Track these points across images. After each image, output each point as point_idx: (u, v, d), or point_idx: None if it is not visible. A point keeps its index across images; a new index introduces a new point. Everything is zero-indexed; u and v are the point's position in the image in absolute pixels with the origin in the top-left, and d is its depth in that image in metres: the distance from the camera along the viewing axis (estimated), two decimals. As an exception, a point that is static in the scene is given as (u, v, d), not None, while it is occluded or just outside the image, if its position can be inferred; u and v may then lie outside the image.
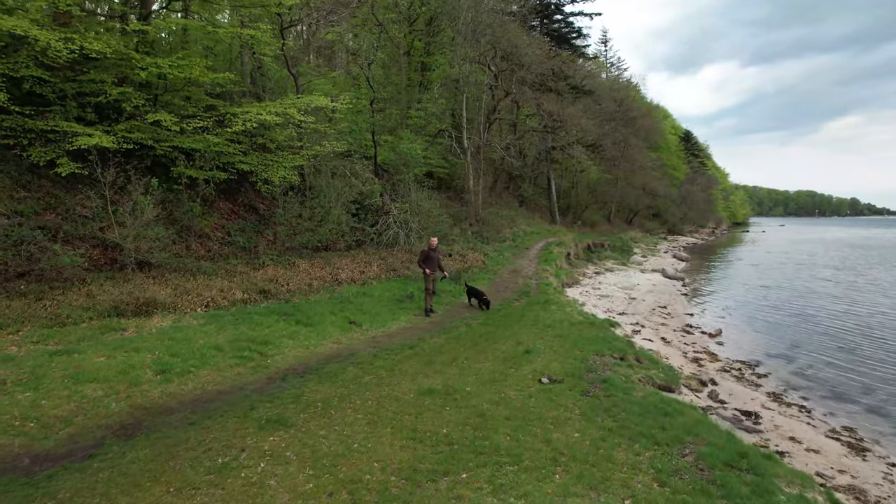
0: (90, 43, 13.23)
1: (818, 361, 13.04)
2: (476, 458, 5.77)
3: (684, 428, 6.59)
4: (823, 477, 6.72)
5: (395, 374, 8.57)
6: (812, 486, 5.55)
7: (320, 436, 6.23)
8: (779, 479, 5.46)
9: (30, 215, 12.83)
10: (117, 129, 14.35)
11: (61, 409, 6.48)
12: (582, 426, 6.66)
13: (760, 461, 5.74)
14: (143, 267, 13.40)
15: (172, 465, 5.46)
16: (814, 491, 5.46)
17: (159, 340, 8.95)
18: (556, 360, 9.47)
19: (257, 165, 17.19)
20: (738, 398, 9.85)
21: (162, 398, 7.17)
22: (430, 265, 13.63)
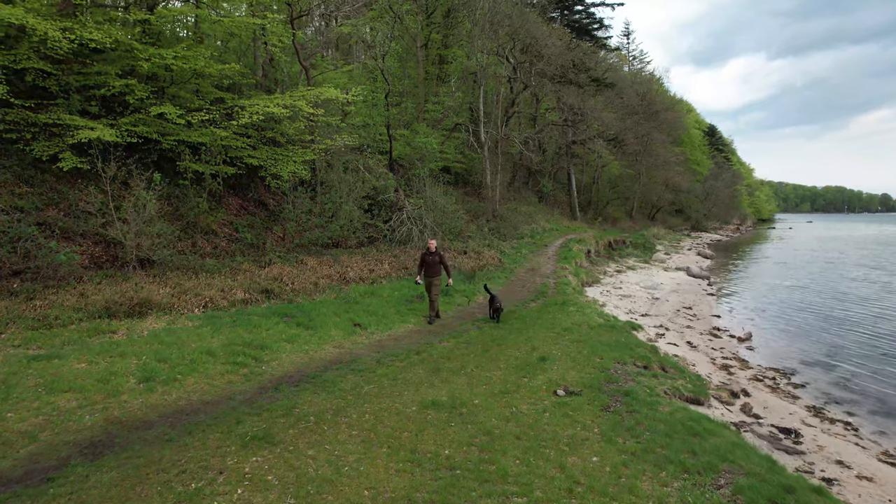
0: (90, 33, 12.79)
1: (861, 370, 12.06)
2: (480, 487, 5.08)
3: (718, 452, 5.83)
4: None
5: (397, 384, 7.91)
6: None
7: (308, 456, 5.59)
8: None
9: (30, 211, 12.46)
10: (121, 123, 13.94)
11: (27, 423, 5.92)
12: (601, 448, 5.93)
13: (809, 497, 4.96)
14: (144, 265, 12.97)
15: (139, 490, 4.86)
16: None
17: (148, 344, 8.40)
18: (574, 369, 8.73)
19: (266, 160, 16.71)
20: (774, 412, 9.01)
21: (141, 410, 6.59)
22: (428, 271, 12.28)
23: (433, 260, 12.27)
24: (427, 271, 12.27)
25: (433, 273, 12.26)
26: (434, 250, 12.37)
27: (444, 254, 12.59)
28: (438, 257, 12.33)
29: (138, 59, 14.12)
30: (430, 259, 12.27)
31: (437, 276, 12.33)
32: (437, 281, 12.31)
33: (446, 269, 12.52)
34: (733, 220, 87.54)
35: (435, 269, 12.28)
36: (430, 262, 12.26)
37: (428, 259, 12.27)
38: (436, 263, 12.29)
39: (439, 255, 12.36)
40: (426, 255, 12.32)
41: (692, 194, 61.99)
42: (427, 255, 12.31)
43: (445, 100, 29.30)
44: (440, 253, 12.41)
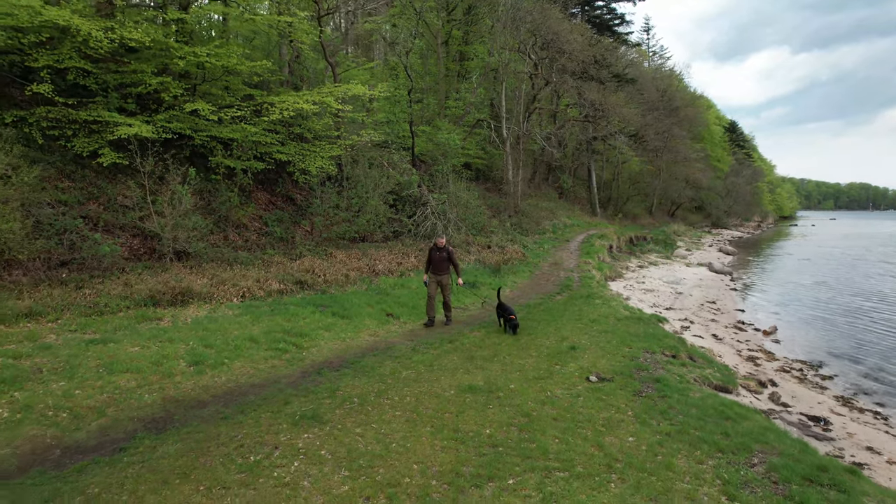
0: (129, 32, 13.19)
1: (889, 364, 12.10)
2: (523, 463, 5.34)
3: (750, 434, 6.02)
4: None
5: (433, 370, 8.20)
6: (904, 507, 4.93)
7: (356, 434, 5.89)
8: (866, 497, 4.86)
9: (73, 205, 12.91)
10: (156, 119, 14.35)
11: (94, 400, 6.30)
12: (636, 429, 6.16)
13: (843, 476, 5.14)
14: (180, 257, 13.37)
15: (203, 461, 5.20)
16: (906, 512, 4.85)
17: (194, 331, 8.78)
18: (604, 358, 8.95)
19: (294, 155, 17.07)
20: (802, 401, 9.15)
21: (195, 391, 6.95)
22: (436, 269, 11.50)
23: (441, 257, 11.52)
24: (435, 269, 11.54)
25: (441, 271, 11.53)
26: (442, 246, 11.62)
27: (453, 250, 11.75)
28: (447, 254, 11.56)
29: (174, 57, 14.51)
30: (437, 256, 11.53)
31: (447, 275, 11.61)
32: (446, 280, 11.62)
33: (455, 267, 11.68)
34: (754, 217, 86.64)
35: (443, 266, 11.54)
36: (438, 259, 11.52)
37: (435, 256, 11.53)
38: (444, 261, 11.53)
39: (448, 252, 11.57)
40: (434, 251, 11.60)
41: (712, 191, 61.51)
42: (435, 251, 11.59)
43: (467, 96, 29.52)
44: (449, 249, 11.62)
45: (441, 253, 11.48)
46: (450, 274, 11.68)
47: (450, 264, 11.59)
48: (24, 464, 5.08)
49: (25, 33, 12.66)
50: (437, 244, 11.63)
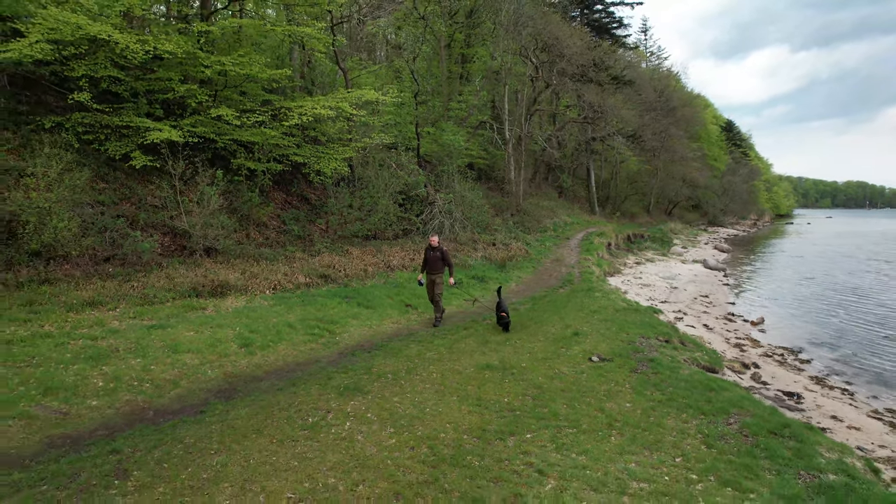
0: (162, 44, 14.16)
1: (864, 349, 13.21)
2: (538, 423, 6.39)
3: (729, 401, 7.08)
4: (864, 451, 7.11)
5: (453, 352, 9.26)
6: (851, 454, 5.98)
7: (395, 401, 6.94)
8: (819, 446, 5.92)
9: (109, 204, 13.88)
10: (182, 124, 15.31)
11: (168, 374, 7.35)
12: (633, 398, 7.22)
13: (802, 431, 6.21)
14: (209, 253, 14.35)
15: (270, 422, 6.24)
16: (853, 458, 5.90)
17: (237, 318, 9.82)
18: (604, 342, 10.01)
19: (310, 157, 18.05)
20: (780, 381, 10.24)
21: (249, 367, 8.01)
22: (430, 268, 11.58)
23: (434, 256, 11.59)
24: (429, 268, 11.64)
25: (435, 270, 11.60)
26: (436, 245, 11.71)
27: (447, 250, 11.92)
28: (440, 253, 11.63)
29: (200, 65, 15.47)
30: (431, 255, 11.60)
31: (440, 274, 11.65)
32: (439, 279, 11.64)
33: (449, 266, 11.70)
34: (750, 215, 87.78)
35: (437, 265, 11.62)
36: (432, 258, 11.59)
37: (429, 255, 11.62)
38: (437, 260, 11.60)
39: (441, 251, 11.65)
40: (428, 250, 11.68)
41: (709, 190, 62.55)
42: (429, 250, 11.66)
43: (470, 98, 30.52)
44: (442, 248, 11.71)
45: (435, 252, 11.62)
46: (443, 273, 11.76)
47: (443, 263, 11.68)
48: (127, 421, 6.14)
49: (65, 46, 13.58)
50: (430, 244, 11.76)
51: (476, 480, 5.05)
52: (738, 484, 5.02)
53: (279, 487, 4.84)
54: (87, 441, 5.66)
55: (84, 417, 6.15)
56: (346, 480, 5.00)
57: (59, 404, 6.25)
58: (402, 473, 5.16)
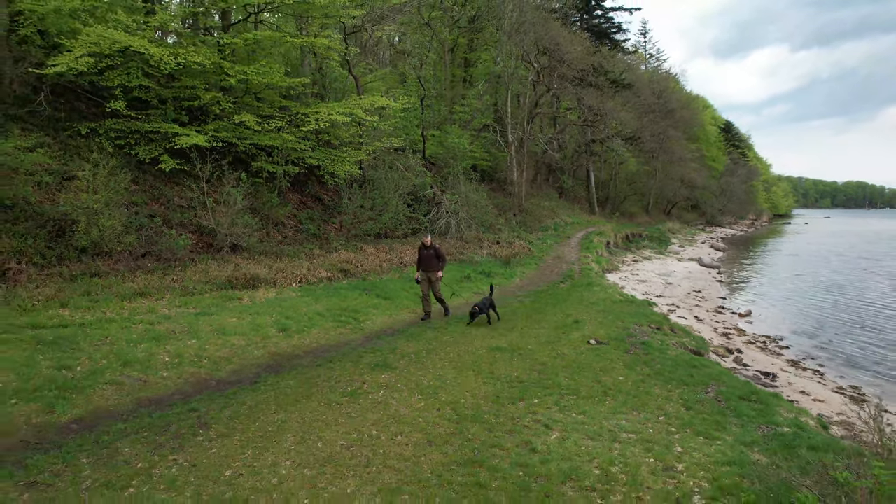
0: (192, 56, 15.25)
1: (839, 338, 14.34)
2: (543, 391, 7.50)
3: (709, 376, 8.19)
4: (823, 417, 8.21)
5: (466, 336, 10.37)
6: (806, 415, 7.09)
7: (419, 375, 8.05)
8: (780, 408, 7.02)
9: (141, 205, 14.98)
10: (207, 129, 16.40)
11: (221, 353, 8.47)
12: (625, 373, 8.33)
13: (768, 397, 7.32)
14: (235, 250, 15.45)
15: (316, 390, 7.34)
16: (807, 418, 7.00)
17: (271, 307, 10.92)
18: (601, 329, 11.12)
19: (324, 160, 19.16)
20: (759, 363, 11.35)
21: (289, 348, 9.13)
22: (425, 267, 12.07)
23: (429, 254, 12.09)
24: (424, 267, 12.12)
25: (431, 268, 12.09)
26: (430, 244, 12.17)
27: (440, 247, 12.37)
28: (434, 251, 12.12)
29: (222, 74, 16.56)
30: (425, 253, 12.12)
31: (435, 271, 12.14)
32: (435, 276, 12.18)
33: (441, 262, 12.20)
34: (749, 215, 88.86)
35: (431, 263, 12.08)
36: (426, 256, 12.09)
37: (424, 254, 12.14)
38: (432, 258, 12.08)
39: (435, 249, 12.13)
40: (422, 249, 12.21)
41: (707, 190, 63.62)
42: (423, 249, 12.19)
43: (474, 102, 31.62)
44: (436, 246, 12.18)
45: (428, 251, 12.09)
46: (438, 270, 12.20)
47: (438, 260, 12.13)
48: (195, 389, 7.26)
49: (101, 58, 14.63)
50: (424, 243, 12.23)
51: (493, 432, 6.16)
52: (708, 434, 6.13)
53: (332, 437, 5.95)
54: (167, 402, 6.78)
55: (160, 385, 7.27)
56: (386, 432, 6.11)
57: (139, 374, 7.37)
58: (431, 427, 6.27)
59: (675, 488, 4.97)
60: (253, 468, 5.23)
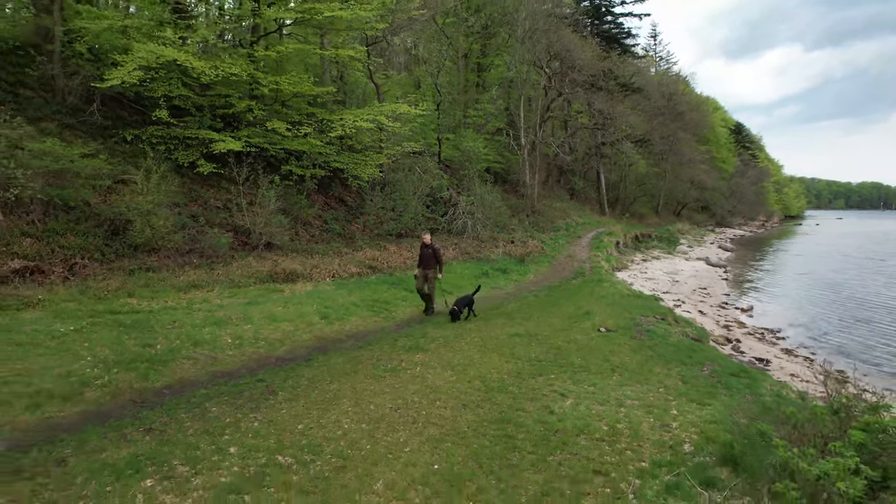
0: (229, 67, 16.46)
1: (834, 330, 15.32)
2: (559, 369, 8.60)
3: (706, 357, 9.27)
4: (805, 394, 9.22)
5: (488, 325, 11.50)
6: (788, 388, 8.13)
7: (449, 356, 9.18)
8: (766, 383, 8.08)
9: (182, 206, 16.19)
10: (240, 135, 17.61)
11: (274, 336, 9.65)
12: (631, 354, 9.41)
13: (756, 374, 8.39)
14: (269, 247, 16.64)
15: (361, 366, 8.49)
16: (788, 390, 8.05)
17: (311, 299, 12.08)
18: (610, 319, 12.19)
19: (348, 163, 20.34)
20: (755, 351, 12.37)
21: (332, 333, 10.30)
22: (424, 264, 12.51)
23: (427, 253, 12.50)
24: (423, 264, 12.55)
25: (428, 266, 12.50)
26: (429, 243, 12.57)
27: (438, 248, 12.82)
28: (432, 250, 12.51)
29: (257, 84, 17.76)
30: (425, 252, 12.53)
31: (432, 269, 12.55)
32: (431, 274, 12.56)
33: (438, 262, 12.57)
34: (759, 216, 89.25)
35: (430, 262, 12.48)
36: (426, 255, 12.50)
37: (423, 252, 12.56)
38: (430, 257, 12.47)
39: (433, 249, 12.54)
40: (422, 247, 12.64)
41: (717, 191, 64.22)
42: (423, 248, 12.62)
43: (487, 106, 32.72)
44: (434, 246, 12.59)
45: (427, 250, 12.52)
46: (435, 269, 12.61)
47: (435, 260, 12.54)
48: (258, 364, 8.45)
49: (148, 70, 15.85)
50: (424, 242, 12.66)
51: (517, 400, 7.27)
52: (701, 401, 7.21)
53: (381, 402, 7.09)
54: (237, 375, 7.97)
55: (227, 361, 8.45)
56: (426, 399, 7.23)
57: (208, 352, 8.56)
58: (464, 395, 7.39)
59: (670, 439, 6.07)
60: (320, 423, 6.38)
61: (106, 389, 7.01)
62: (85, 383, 7.01)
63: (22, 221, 12.38)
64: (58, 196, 12.87)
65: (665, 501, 4.75)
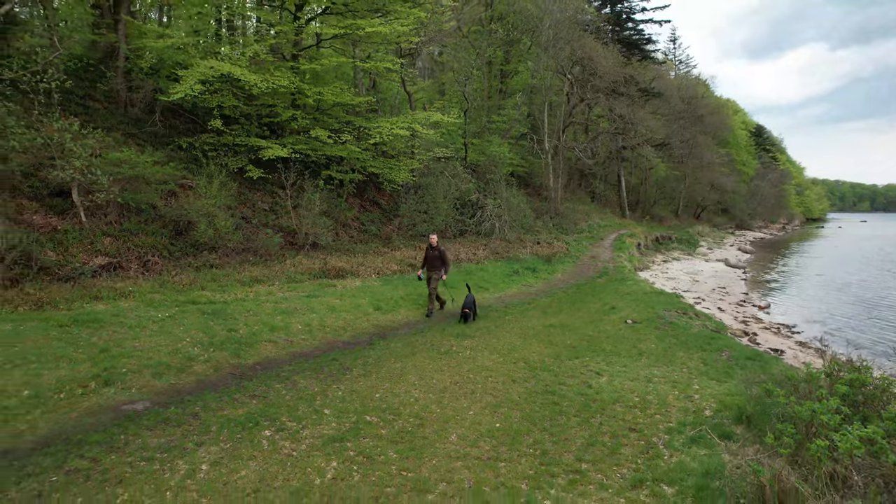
0: (278, 80, 17.79)
1: (848, 327, 16.19)
2: (592, 353, 9.73)
3: (724, 345, 10.31)
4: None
5: (524, 317, 12.65)
6: (797, 370, 9.14)
7: (493, 341, 10.34)
8: (778, 365, 9.12)
9: (234, 208, 17.52)
10: (286, 142, 18.92)
11: (337, 324, 10.89)
12: (656, 342, 10.49)
13: (769, 358, 9.43)
14: (314, 247, 17.92)
15: (418, 350, 9.68)
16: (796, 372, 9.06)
17: (362, 293, 13.32)
18: (635, 313, 13.25)
19: (383, 168, 21.61)
20: (770, 343, 13.34)
21: (386, 322, 11.52)
22: (429, 266, 12.68)
23: (433, 255, 12.61)
24: (428, 266, 12.71)
25: (433, 267, 12.63)
26: (435, 245, 12.69)
27: (444, 250, 12.92)
28: (438, 252, 12.63)
29: (301, 94, 19.06)
30: (430, 254, 12.63)
31: (437, 270, 12.64)
32: (436, 275, 12.67)
33: (444, 263, 12.68)
34: (780, 219, 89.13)
35: (435, 263, 12.61)
36: (431, 256, 12.62)
37: (429, 254, 12.66)
38: (436, 258, 12.59)
39: (439, 251, 12.65)
40: (428, 249, 12.75)
41: (737, 194, 64.61)
42: (428, 249, 12.74)
43: (512, 112, 33.85)
44: (440, 248, 12.71)
45: (433, 251, 12.68)
46: (439, 270, 12.71)
47: (441, 262, 12.68)
48: (328, 347, 9.69)
49: (206, 83, 17.21)
50: (430, 243, 12.80)
51: (558, 377, 8.42)
52: (719, 379, 8.29)
53: (442, 378, 8.27)
54: (312, 355, 9.21)
55: (302, 344, 9.71)
56: (480, 375, 8.40)
57: (285, 336, 9.81)
58: (512, 373, 8.55)
59: (693, 406, 7.17)
60: (393, 393, 7.58)
61: (209, 364, 8.29)
62: (191, 359, 8.29)
63: (101, 223, 13.74)
64: (131, 200, 14.20)
65: (690, 449, 5.86)
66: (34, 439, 5.76)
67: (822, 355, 12.41)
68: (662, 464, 5.60)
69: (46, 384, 6.80)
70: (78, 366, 7.40)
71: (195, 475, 5.18)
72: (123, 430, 6.05)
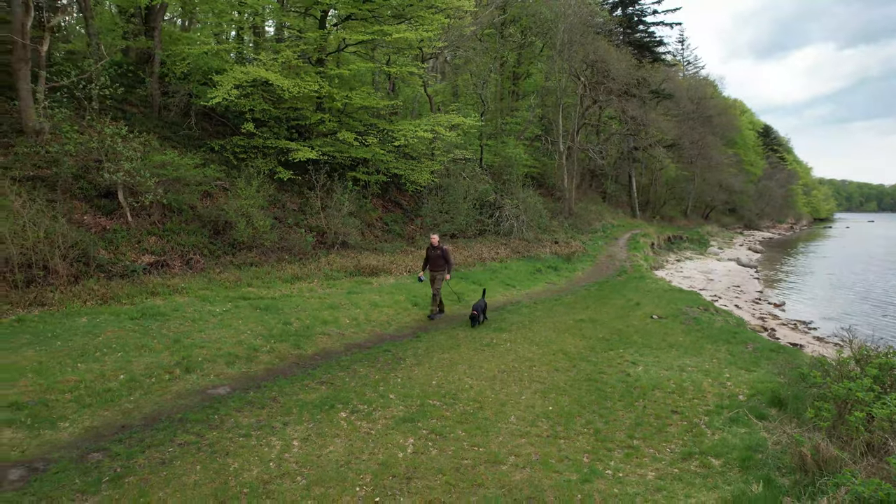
0: (308, 84, 18.42)
1: (863, 323, 16.74)
2: (624, 345, 10.35)
3: (748, 338, 10.92)
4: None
5: (553, 313, 13.26)
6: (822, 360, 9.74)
7: (530, 335, 10.96)
8: (801, 356, 9.71)
9: (265, 208, 18.16)
10: (314, 145, 19.55)
11: (381, 318, 11.54)
12: (683, 336, 11.11)
13: (792, 350, 10.03)
14: (344, 246, 18.56)
15: (461, 342, 10.31)
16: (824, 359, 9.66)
17: (397, 289, 13.95)
18: (659, 309, 13.86)
19: (406, 170, 22.23)
20: (789, 338, 13.93)
21: (425, 317, 12.13)
22: (432, 266, 12.49)
23: (435, 255, 12.39)
24: (431, 266, 12.53)
25: (436, 268, 12.44)
26: (437, 245, 12.44)
27: (447, 249, 12.54)
28: (440, 251, 12.38)
29: (330, 98, 19.68)
30: (433, 254, 12.41)
31: (441, 271, 12.42)
32: (440, 276, 12.45)
33: (448, 265, 12.45)
34: (788, 219, 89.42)
35: (438, 263, 12.40)
36: (433, 256, 12.41)
37: (431, 254, 12.43)
38: (438, 258, 12.37)
39: (441, 250, 12.39)
40: (430, 249, 12.49)
41: (745, 194, 64.99)
42: (430, 249, 12.48)
43: (526, 114, 34.45)
44: (442, 247, 12.44)
45: (435, 251, 12.42)
46: (444, 270, 12.49)
47: (444, 261, 12.43)
48: (377, 340, 10.34)
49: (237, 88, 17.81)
50: (432, 243, 12.55)
51: (598, 366, 9.04)
52: (748, 368, 8.89)
53: (489, 367, 8.89)
54: (365, 347, 9.86)
55: (353, 336, 10.36)
56: (524, 365, 9.03)
57: (336, 330, 10.46)
58: (553, 363, 9.17)
59: (726, 391, 7.77)
60: (448, 380, 8.21)
61: (273, 354, 8.94)
62: (256, 349, 8.94)
63: (146, 223, 14.39)
64: (173, 201, 14.85)
65: (730, 428, 6.48)
66: (143, 416, 6.42)
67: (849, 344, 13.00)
68: (706, 440, 6.21)
69: (137, 370, 7.46)
70: (158, 354, 8.06)
71: (290, 450, 5.82)
72: (215, 410, 6.70)
